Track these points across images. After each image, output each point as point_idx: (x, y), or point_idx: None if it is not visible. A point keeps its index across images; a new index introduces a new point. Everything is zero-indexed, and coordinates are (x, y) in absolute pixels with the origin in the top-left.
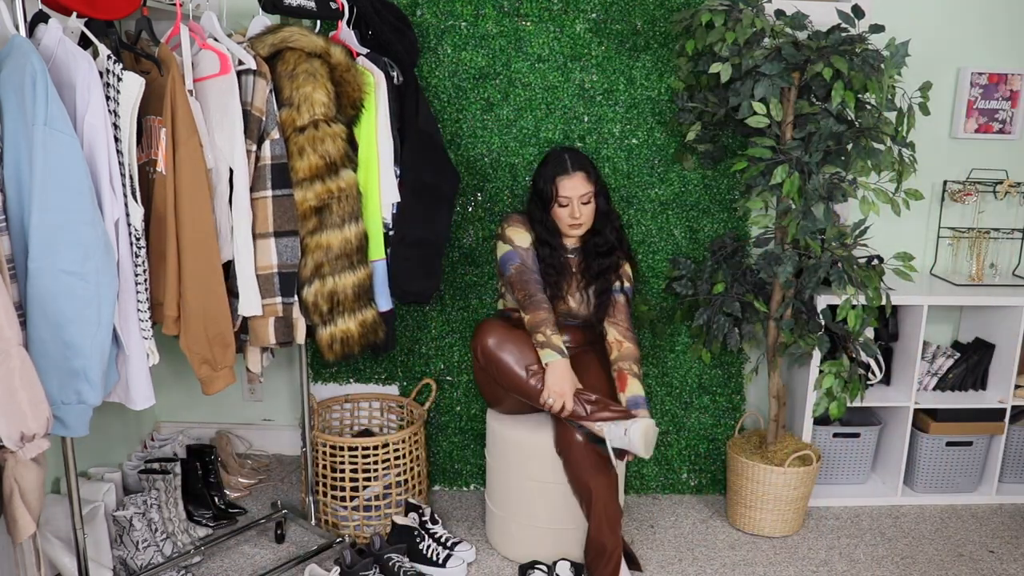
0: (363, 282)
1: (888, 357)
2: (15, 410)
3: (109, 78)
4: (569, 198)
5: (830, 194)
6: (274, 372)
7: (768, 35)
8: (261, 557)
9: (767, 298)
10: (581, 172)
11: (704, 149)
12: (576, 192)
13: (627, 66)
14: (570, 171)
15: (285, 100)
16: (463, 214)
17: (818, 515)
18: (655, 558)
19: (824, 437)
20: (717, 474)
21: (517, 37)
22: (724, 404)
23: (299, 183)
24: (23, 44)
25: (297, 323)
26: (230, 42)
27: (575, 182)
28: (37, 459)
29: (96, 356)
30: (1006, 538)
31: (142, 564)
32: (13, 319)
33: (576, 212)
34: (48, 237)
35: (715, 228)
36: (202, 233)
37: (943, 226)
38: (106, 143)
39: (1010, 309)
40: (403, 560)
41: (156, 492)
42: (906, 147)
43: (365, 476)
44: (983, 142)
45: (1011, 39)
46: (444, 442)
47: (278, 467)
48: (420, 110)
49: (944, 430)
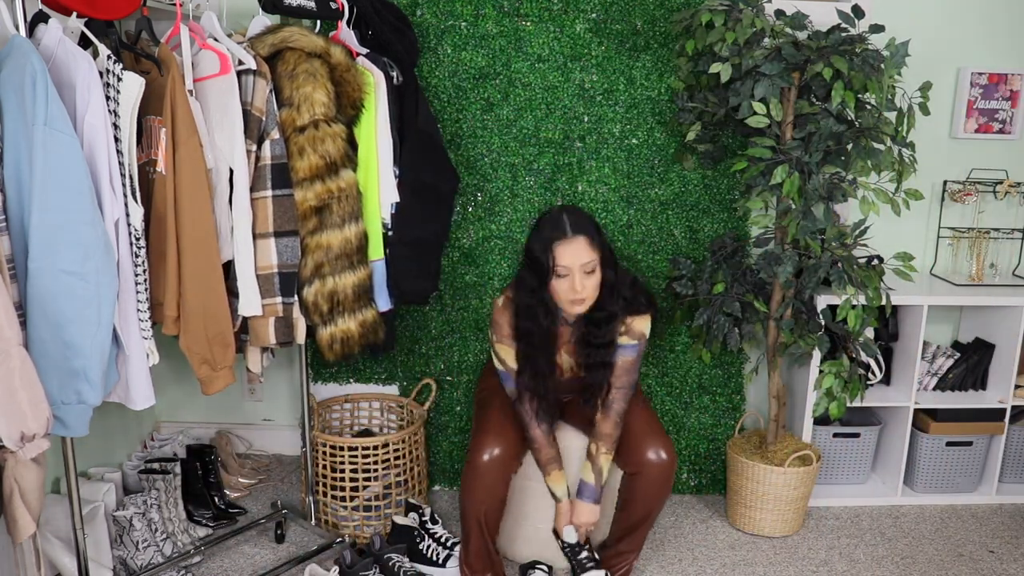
0: (363, 282)
1: (888, 357)
2: (15, 410)
3: (109, 78)
4: (569, 268)
5: (830, 194)
6: (274, 372)
7: (768, 35)
8: (261, 557)
9: (767, 298)
10: (583, 236)
11: (704, 149)
12: (577, 261)
13: (627, 66)
14: (569, 235)
15: (285, 100)
16: (463, 214)
17: (818, 515)
18: (655, 558)
19: (824, 437)
20: (717, 474)
21: (517, 37)
22: (724, 404)
23: (299, 183)
24: (23, 44)
25: (297, 323)
26: (230, 42)
27: (576, 249)
28: (37, 459)
29: (96, 356)
30: (1006, 538)
31: (142, 564)
32: (13, 319)
33: (578, 285)
34: (48, 237)
35: (715, 228)
36: (202, 233)
37: (943, 226)
38: (106, 143)
39: (1010, 309)
40: (403, 560)
41: (156, 492)
42: (906, 147)
43: (365, 476)
44: (983, 142)
45: (1011, 39)
46: (444, 442)
47: (278, 467)
48: (420, 110)
49: (944, 430)
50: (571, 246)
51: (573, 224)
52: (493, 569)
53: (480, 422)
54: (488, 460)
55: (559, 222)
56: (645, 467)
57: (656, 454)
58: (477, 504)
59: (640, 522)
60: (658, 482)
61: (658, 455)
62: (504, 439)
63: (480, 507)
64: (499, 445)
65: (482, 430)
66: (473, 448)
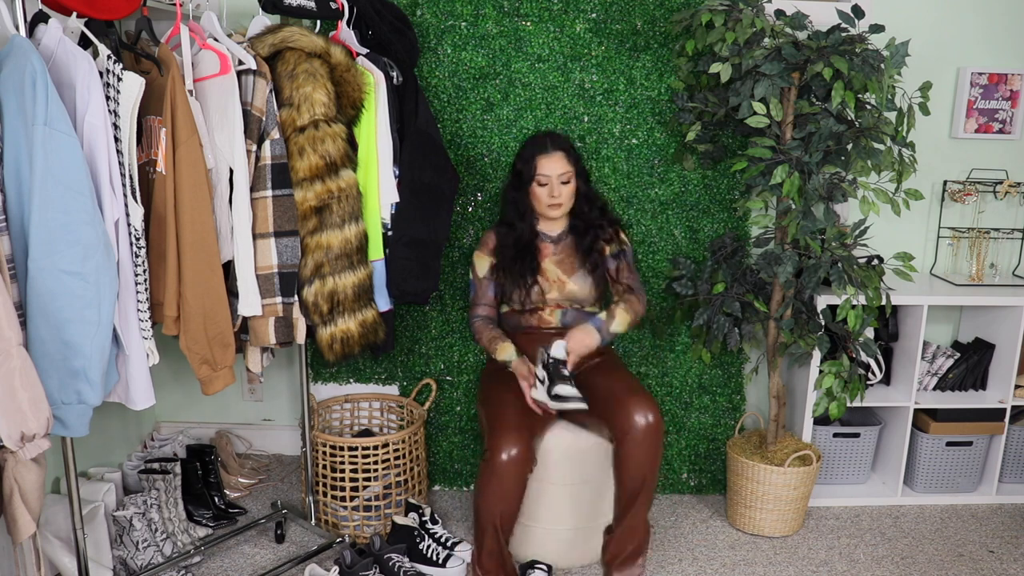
0: (363, 282)
1: (888, 357)
2: (15, 410)
3: (109, 78)
4: (548, 176)
5: (830, 194)
6: (274, 372)
7: (768, 35)
8: (261, 557)
9: (767, 298)
10: (560, 152)
11: (704, 149)
12: (555, 171)
13: (627, 66)
14: (549, 150)
15: (285, 100)
16: (463, 214)
17: (818, 515)
18: (655, 558)
19: (824, 437)
20: (717, 474)
21: (517, 37)
22: (724, 404)
23: (299, 183)
24: (23, 44)
25: (297, 323)
26: (230, 42)
27: (554, 161)
28: (37, 459)
29: (96, 356)
30: (1006, 538)
31: (142, 564)
32: (13, 319)
33: (555, 191)
34: (48, 237)
35: (715, 228)
36: (202, 233)
37: (943, 226)
38: (106, 143)
39: (1010, 309)
40: (403, 560)
41: (156, 492)
42: (906, 147)
43: (365, 476)
44: (983, 142)
45: (1011, 39)
46: (444, 442)
47: (278, 467)
48: (420, 110)
49: (944, 430)
50: (550, 159)
51: (552, 141)
52: (505, 570)
53: (494, 421)
54: (507, 460)
55: (541, 140)
56: (632, 429)
57: (643, 416)
58: (494, 505)
59: (637, 490)
60: (646, 443)
61: (645, 416)
62: (521, 438)
63: (497, 508)
64: (516, 444)
65: (498, 429)
66: (490, 448)
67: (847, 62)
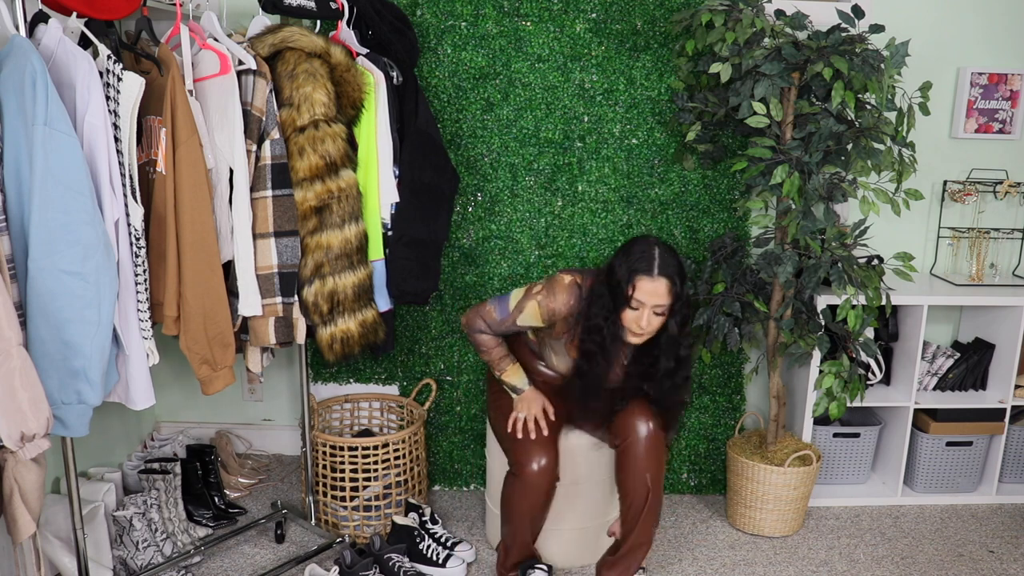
0: (363, 282)
1: (888, 357)
2: (15, 410)
3: (109, 78)
4: (643, 304)
5: (830, 194)
6: (274, 372)
7: (768, 35)
8: (261, 557)
9: (767, 298)
10: (666, 280)
11: (704, 149)
12: (652, 300)
13: (627, 66)
14: (654, 275)
15: (285, 100)
16: (463, 214)
17: (818, 515)
18: (655, 558)
19: (824, 437)
20: (717, 474)
21: (517, 37)
22: (724, 404)
23: (299, 183)
24: (23, 44)
25: (297, 323)
26: (230, 42)
27: (656, 288)
28: (37, 459)
29: (96, 356)
30: (1006, 538)
31: (142, 564)
32: (13, 319)
33: (643, 321)
34: (48, 237)
35: (715, 228)
36: (202, 233)
37: (943, 226)
38: (106, 143)
39: (1010, 309)
40: (403, 560)
41: (156, 492)
42: (906, 147)
43: (365, 476)
44: (983, 142)
45: (1011, 39)
46: (444, 442)
47: (278, 467)
48: (419, 110)
49: (944, 430)
50: (653, 284)
51: (662, 264)
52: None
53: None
54: (537, 470)
55: (649, 256)
56: (632, 435)
57: (645, 424)
58: (526, 513)
59: (641, 504)
60: (647, 452)
61: (646, 424)
62: (549, 448)
63: (527, 517)
64: (546, 454)
65: (525, 441)
66: (520, 459)
67: (847, 62)
